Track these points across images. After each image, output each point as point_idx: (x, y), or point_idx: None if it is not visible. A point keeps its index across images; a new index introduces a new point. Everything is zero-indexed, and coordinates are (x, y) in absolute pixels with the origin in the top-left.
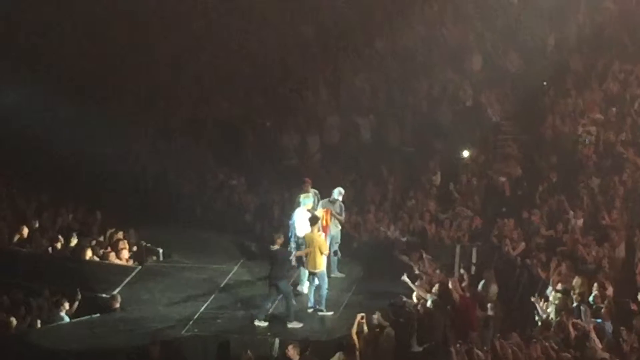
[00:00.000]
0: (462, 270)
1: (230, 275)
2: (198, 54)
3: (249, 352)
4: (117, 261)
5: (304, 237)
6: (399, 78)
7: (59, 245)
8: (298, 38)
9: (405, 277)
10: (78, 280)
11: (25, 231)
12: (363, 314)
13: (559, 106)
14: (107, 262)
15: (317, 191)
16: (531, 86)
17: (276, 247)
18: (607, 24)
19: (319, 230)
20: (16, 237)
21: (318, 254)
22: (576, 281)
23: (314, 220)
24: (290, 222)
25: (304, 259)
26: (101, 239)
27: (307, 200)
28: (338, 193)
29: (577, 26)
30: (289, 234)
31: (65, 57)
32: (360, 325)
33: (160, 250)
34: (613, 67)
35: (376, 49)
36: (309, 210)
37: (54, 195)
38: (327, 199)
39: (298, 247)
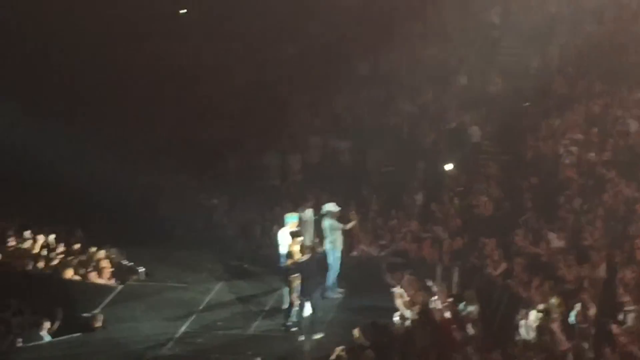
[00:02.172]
0: (443, 290)
1: (211, 294)
2: (179, 75)
3: None
4: (99, 280)
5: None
6: (382, 99)
7: (40, 264)
8: (280, 59)
9: (395, 289)
10: (59, 299)
11: (7, 250)
12: (343, 347)
13: (540, 126)
14: (88, 281)
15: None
16: (513, 107)
17: (304, 258)
18: (589, 45)
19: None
20: None
21: None
22: (554, 301)
23: (296, 235)
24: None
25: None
26: (83, 257)
27: (291, 219)
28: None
29: (559, 47)
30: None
31: (43, 76)
32: (339, 358)
33: (142, 270)
34: (595, 88)
35: (359, 69)
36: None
37: (36, 214)
38: (331, 219)
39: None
